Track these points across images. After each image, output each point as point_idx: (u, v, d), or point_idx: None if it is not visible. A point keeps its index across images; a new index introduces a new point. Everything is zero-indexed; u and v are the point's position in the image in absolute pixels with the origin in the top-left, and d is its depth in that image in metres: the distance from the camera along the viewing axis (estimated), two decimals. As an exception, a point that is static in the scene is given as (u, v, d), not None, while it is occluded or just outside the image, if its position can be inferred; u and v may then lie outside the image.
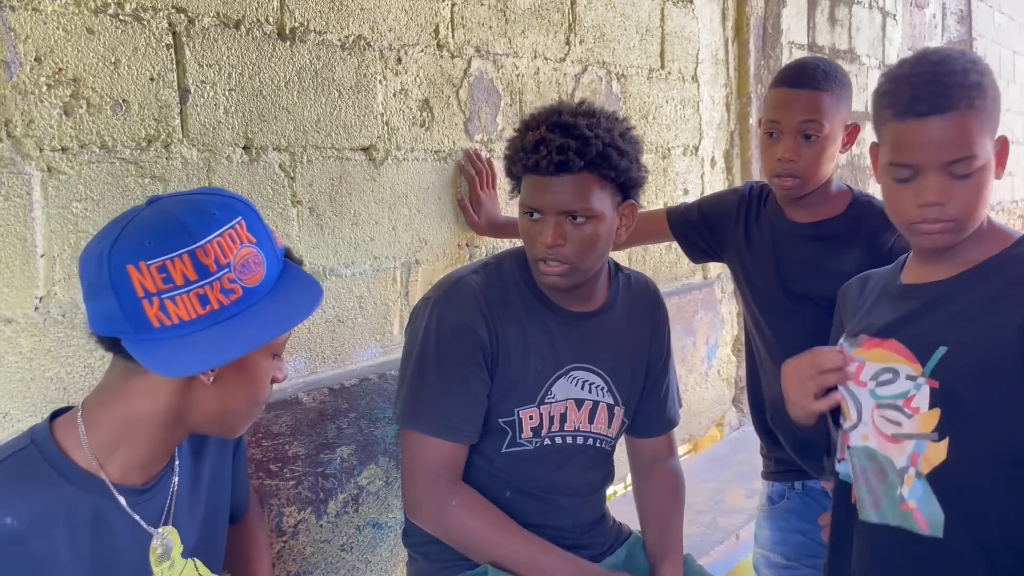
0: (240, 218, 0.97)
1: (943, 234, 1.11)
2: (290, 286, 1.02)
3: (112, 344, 0.96)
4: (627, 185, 1.39)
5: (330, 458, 1.65)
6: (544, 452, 1.47)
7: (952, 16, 5.29)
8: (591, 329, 1.49)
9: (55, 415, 1.02)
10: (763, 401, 1.81)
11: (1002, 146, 1.13)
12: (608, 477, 1.60)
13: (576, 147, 1.31)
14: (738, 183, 3.07)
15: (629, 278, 1.59)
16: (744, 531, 2.19)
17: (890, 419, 1.15)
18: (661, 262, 2.75)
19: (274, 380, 1.08)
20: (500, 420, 1.44)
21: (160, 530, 1.03)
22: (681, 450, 2.91)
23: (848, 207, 1.66)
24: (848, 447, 1.20)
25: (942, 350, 1.11)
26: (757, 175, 3.07)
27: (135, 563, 1.01)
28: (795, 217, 1.70)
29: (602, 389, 1.50)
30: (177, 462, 1.08)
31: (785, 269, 1.68)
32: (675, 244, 2.01)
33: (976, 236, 1.13)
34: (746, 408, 3.12)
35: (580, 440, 1.50)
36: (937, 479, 1.10)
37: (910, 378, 1.13)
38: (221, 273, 0.93)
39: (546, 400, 1.46)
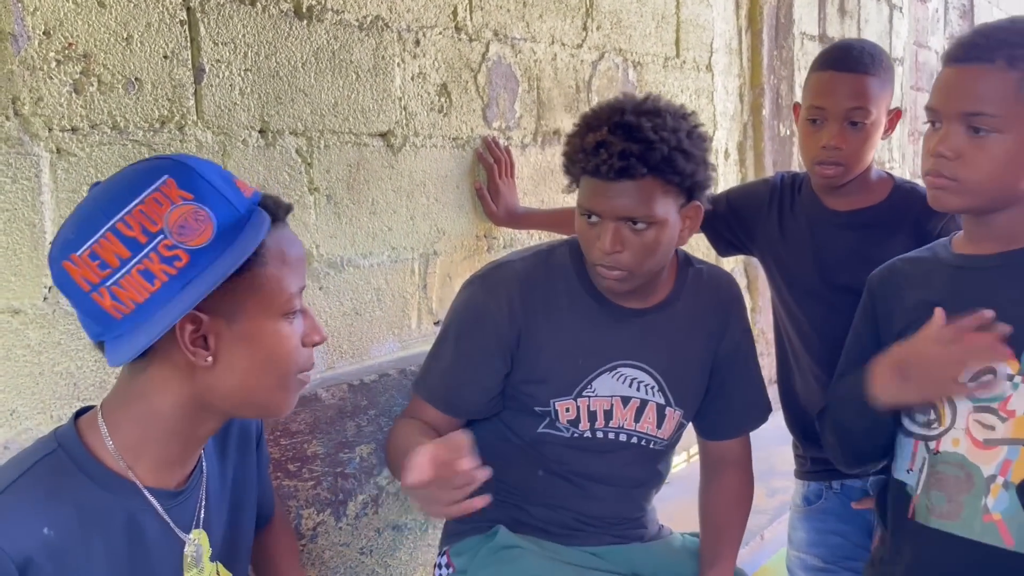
0: (166, 176, 0.85)
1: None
2: (253, 235, 0.88)
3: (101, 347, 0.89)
4: (693, 188, 1.31)
5: (349, 457, 1.57)
6: (582, 443, 1.41)
7: (954, 11, 5.26)
8: (646, 326, 1.41)
9: (77, 416, 0.94)
10: (797, 397, 1.76)
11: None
12: (656, 477, 1.52)
13: (639, 152, 1.22)
14: (751, 176, 3.01)
15: (701, 272, 1.48)
16: (768, 531, 2.14)
17: (984, 423, 1.08)
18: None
19: (309, 343, 0.97)
20: (536, 408, 1.39)
21: (192, 535, 0.96)
22: (695, 449, 2.85)
23: (890, 194, 1.60)
24: (937, 453, 1.12)
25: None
26: (770, 168, 3.02)
27: (169, 568, 0.94)
28: (834, 206, 1.63)
29: (652, 388, 1.42)
30: (204, 463, 1.00)
31: (825, 259, 1.61)
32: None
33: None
34: (778, 401, 3.07)
35: (623, 438, 1.43)
36: None
37: (1008, 377, 1.06)
38: (155, 241, 0.83)
39: (584, 394, 1.39)
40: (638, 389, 1.42)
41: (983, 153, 1.05)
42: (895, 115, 1.59)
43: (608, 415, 1.41)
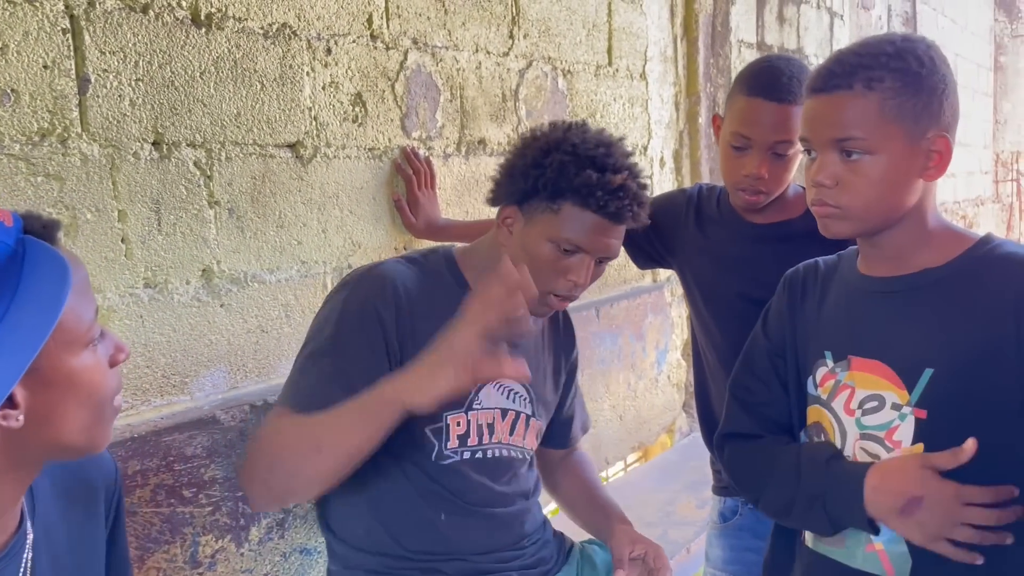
0: None
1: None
2: (38, 271, 0.78)
3: None
4: None
5: (252, 480, 1.52)
6: (474, 464, 1.37)
7: (897, 18, 5.33)
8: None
9: None
10: (713, 413, 1.74)
11: None
12: (538, 482, 1.54)
13: (643, 200, 1.35)
14: (688, 183, 3.01)
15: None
16: (695, 544, 2.12)
17: (869, 451, 1.08)
18: (610, 265, 2.66)
19: (116, 362, 0.87)
20: (427, 429, 1.33)
21: None
22: (631, 458, 2.84)
23: (808, 208, 1.59)
24: None
25: (928, 373, 1.03)
26: (707, 176, 3.02)
27: None
28: (753, 219, 1.62)
29: (524, 399, 1.43)
30: (30, 530, 0.89)
31: (744, 273, 1.59)
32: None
33: (923, 234, 1.10)
34: (695, 413, 3.07)
35: (505, 452, 1.41)
36: None
37: (895, 407, 1.06)
38: None
39: (473, 406, 1.36)
40: (514, 401, 1.41)
41: (859, 177, 1.05)
42: None
43: (491, 429, 1.38)
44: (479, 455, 1.38)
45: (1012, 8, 8.50)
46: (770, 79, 1.52)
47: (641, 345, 2.72)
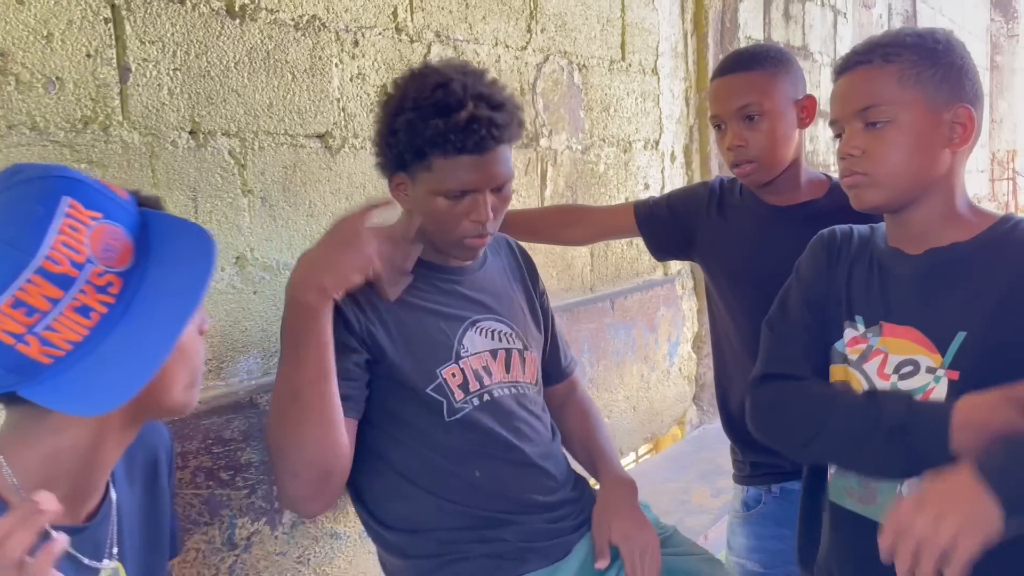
0: (66, 198, 0.76)
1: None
2: (168, 243, 0.83)
3: (9, 397, 0.79)
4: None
5: (285, 464, 1.54)
6: (484, 409, 1.38)
7: (897, 16, 5.37)
8: (478, 281, 1.45)
9: None
10: (732, 401, 1.76)
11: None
12: (550, 421, 1.52)
13: (503, 120, 1.29)
14: (698, 178, 3.04)
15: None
16: (712, 531, 2.15)
17: None
18: (623, 258, 2.69)
19: (202, 331, 0.93)
20: (428, 390, 1.34)
21: (105, 564, 0.90)
22: (642, 449, 2.87)
23: (830, 189, 1.62)
24: None
25: (961, 336, 1.07)
26: (716, 170, 3.05)
27: None
28: (772, 201, 1.65)
29: (510, 335, 1.44)
30: (113, 493, 0.94)
31: (769, 254, 1.61)
32: (637, 240, 1.95)
33: (951, 210, 1.15)
34: (706, 406, 3.10)
35: (509, 391, 1.41)
36: None
37: (930, 370, 1.09)
38: (85, 272, 0.76)
39: (461, 355, 1.37)
40: (500, 340, 1.43)
41: (884, 144, 1.12)
42: (807, 103, 1.61)
43: (487, 371, 1.39)
44: (486, 398, 1.38)
45: (1008, 8, 8.57)
46: (725, 60, 1.67)
47: (654, 337, 2.75)
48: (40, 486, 0.83)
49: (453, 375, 1.36)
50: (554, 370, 1.61)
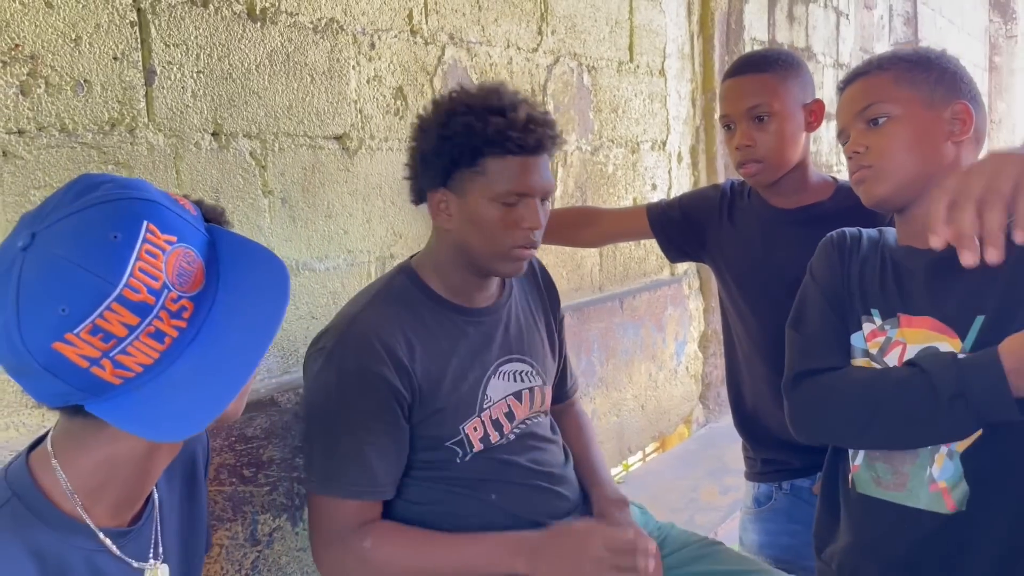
0: (145, 223, 0.77)
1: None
2: (236, 265, 0.83)
3: (75, 410, 0.80)
4: None
5: (305, 462, 1.57)
6: (504, 446, 1.41)
7: (899, 18, 5.40)
8: (503, 318, 1.45)
9: (29, 449, 0.89)
10: (745, 401, 1.79)
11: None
12: (567, 451, 1.56)
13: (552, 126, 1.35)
14: (704, 179, 3.06)
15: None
16: (721, 528, 2.17)
17: None
18: (631, 258, 2.71)
19: None
20: (448, 443, 1.35)
21: (151, 564, 0.93)
22: (649, 448, 2.89)
23: (835, 191, 1.65)
24: None
25: (980, 319, 1.10)
26: (723, 171, 3.07)
27: None
28: (780, 204, 1.67)
29: (531, 374, 1.47)
30: (156, 495, 0.97)
31: (776, 257, 1.65)
32: (644, 240, 1.97)
33: None
34: (712, 405, 3.12)
35: (527, 425, 1.45)
36: (970, 457, 1.09)
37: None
38: (162, 298, 0.76)
39: (484, 406, 1.38)
40: (522, 380, 1.45)
41: (885, 138, 1.19)
42: (816, 106, 1.63)
43: (510, 416, 1.41)
44: (504, 443, 1.41)
45: (1007, 10, 8.60)
46: (737, 62, 1.69)
47: (661, 336, 2.77)
48: (92, 492, 0.86)
49: (475, 429, 1.37)
50: (559, 392, 1.64)
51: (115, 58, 1.32)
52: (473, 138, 1.28)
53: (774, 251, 1.67)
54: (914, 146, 1.18)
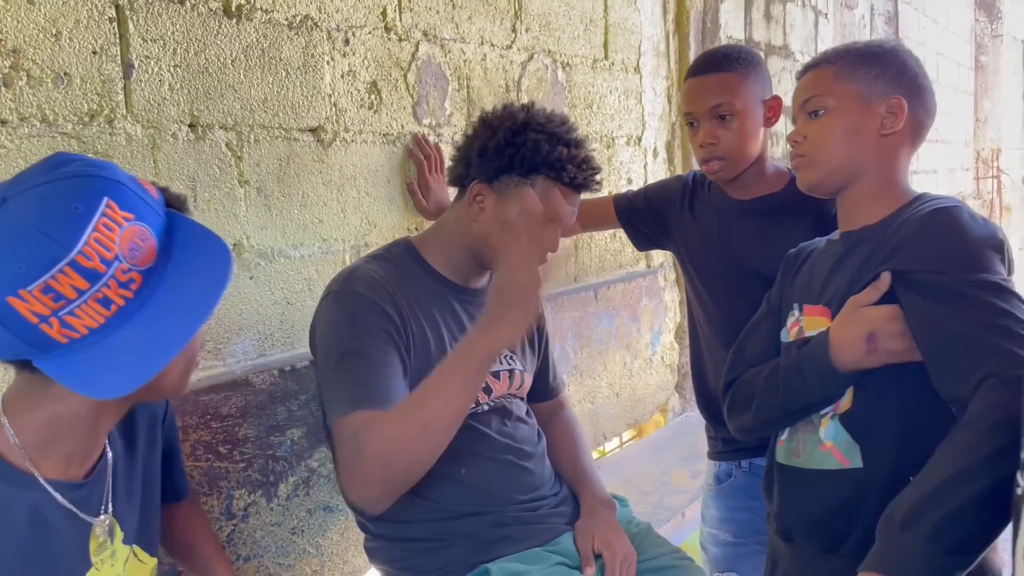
0: (106, 199, 0.85)
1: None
2: (188, 247, 0.92)
3: (23, 363, 0.88)
4: None
5: (280, 440, 1.63)
6: (480, 417, 1.48)
7: (880, 17, 5.47)
8: (485, 303, 1.46)
9: None
10: (708, 383, 1.86)
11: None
12: (541, 435, 1.63)
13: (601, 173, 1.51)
14: (679, 173, 3.13)
15: None
16: (689, 510, 2.24)
17: None
18: (606, 250, 2.78)
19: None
20: None
21: (100, 518, 0.99)
22: (626, 435, 2.96)
23: (788, 183, 1.71)
24: None
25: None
26: (697, 166, 3.13)
27: (76, 552, 0.97)
28: (737, 196, 1.74)
29: (509, 357, 1.56)
30: (109, 452, 1.03)
31: (732, 246, 1.72)
32: (619, 233, 2.04)
33: (879, 193, 1.28)
34: (688, 395, 3.19)
35: (503, 403, 1.54)
36: (847, 419, 1.23)
37: None
38: (112, 268, 0.84)
39: None
40: (502, 362, 1.54)
41: (822, 129, 1.28)
42: (774, 102, 1.70)
43: (487, 390, 1.50)
44: (479, 411, 1.49)
45: (992, 9, 8.68)
46: (699, 60, 1.76)
47: (636, 326, 2.84)
48: (41, 447, 0.93)
49: None
50: (543, 388, 1.71)
51: (94, 52, 1.39)
52: (537, 155, 1.41)
53: (731, 240, 1.74)
54: (844, 137, 1.26)
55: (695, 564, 1.57)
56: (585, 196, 1.54)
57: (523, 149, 1.41)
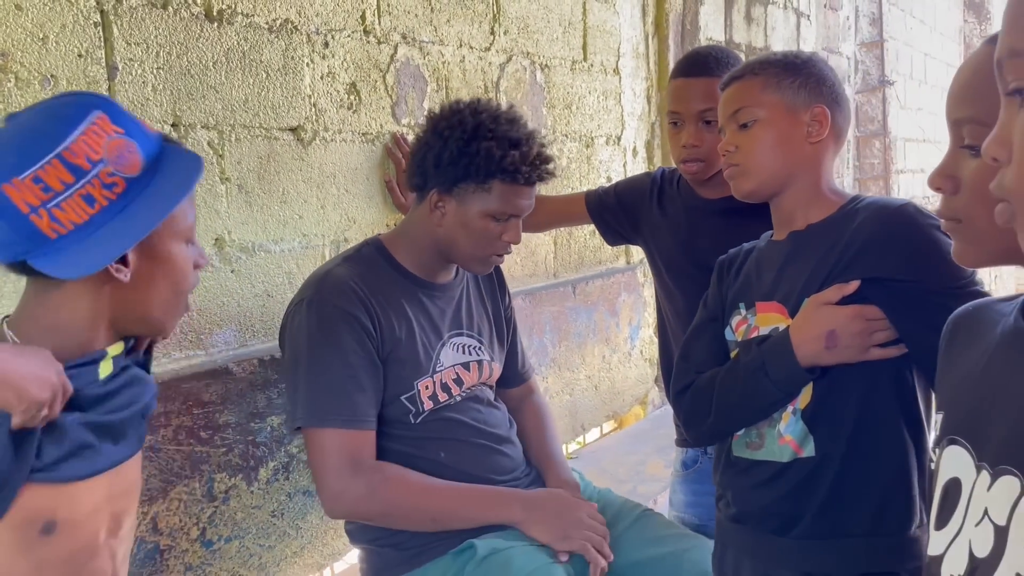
0: (98, 111, 0.97)
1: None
2: (172, 166, 1.03)
3: (21, 267, 0.98)
4: None
5: (260, 427, 1.70)
6: (449, 407, 1.57)
7: (864, 18, 5.55)
8: (455, 298, 1.64)
9: None
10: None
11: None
12: (511, 421, 1.71)
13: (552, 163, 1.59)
14: (659, 172, 3.20)
15: None
16: (661, 497, 2.31)
17: None
18: (586, 247, 2.86)
19: (196, 266, 1.12)
20: (403, 398, 1.53)
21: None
22: (606, 427, 3.03)
23: None
24: None
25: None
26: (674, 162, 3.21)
27: None
28: (705, 195, 1.81)
29: (478, 348, 1.65)
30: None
31: (698, 243, 1.79)
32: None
33: (813, 195, 1.34)
34: (663, 387, 3.27)
35: (474, 392, 1.63)
36: (808, 413, 1.27)
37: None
38: (97, 168, 0.95)
39: (437, 369, 1.56)
40: (470, 353, 1.63)
41: (751, 140, 1.33)
42: None
43: (458, 382, 1.59)
44: (452, 403, 1.58)
45: (981, 9, 8.76)
46: (690, 61, 1.80)
47: (615, 321, 2.91)
48: None
49: (426, 387, 1.55)
50: (512, 374, 1.79)
51: (80, 55, 1.46)
52: (491, 164, 1.49)
53: (698, 237, 1.81)
54: (776, 147, 1.32)
55: (658, 514, 1.70)
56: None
57: (476, 159, 1.49)
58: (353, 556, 1.89)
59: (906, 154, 6.23)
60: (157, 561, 1.52)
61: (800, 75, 1.33)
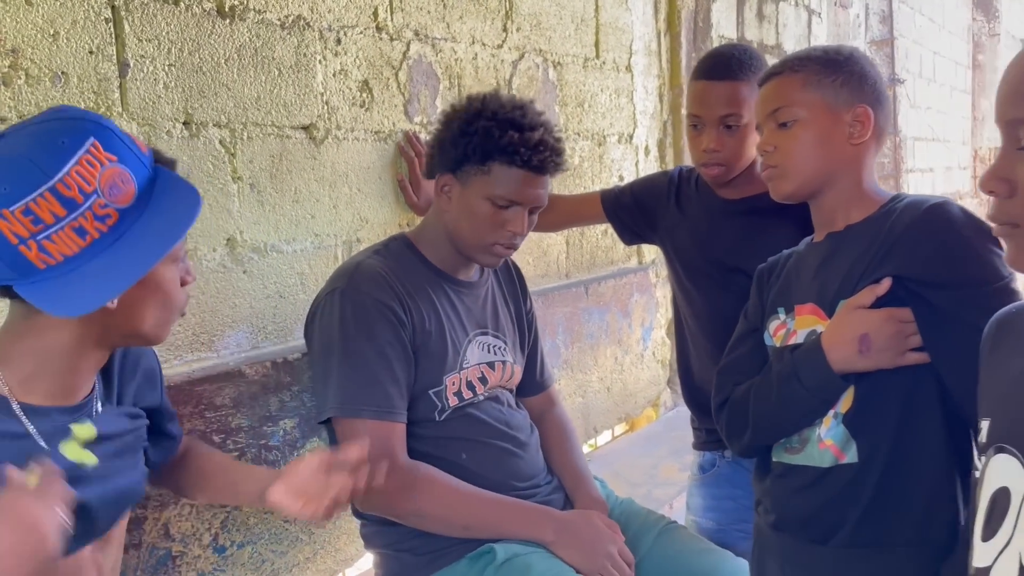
0: (92, 139, 0.94)
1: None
2: (167, 195, 1.00)
3: (4, 290, 0.96)
4: None
5: (273, 430, 1.67)
6: (474, 406, 1.54)
7: (875, 16, 5.51)
8: (479, 297, 1.62)
9: None
10: (693, 375, 1.90)
11: None
12: (533, 427, 1.68)
13: (562, 150, 1.52)
14: (671, 171, 3.17)
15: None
16: (677, 501, 2.28)
17: None
18: (598, 247, 2.82)
19: (183, 283, 1.09)
20: (431, 392, 1.49)
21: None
22: (618, 429, 3.00)
23: None
24: None
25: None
26: (689, 163, 3.17)
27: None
28: (725, 195, 1.78)
29: (503, 349, 1.62)
30: (99, 387, 1.09)
31: (717, 244, 1.76)
32: (611, 230, 2.08)
33: (854, 196, 1.30)
34: (679, 389, 3.23)
35: (496, 393, 1.60)
36: (850, 417, 1.23)
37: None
38: (90, 201, 0.92)
39: (464, 366, 1.54)
40: (495, 352, 1.59)
41: (791, 140, 1.28)
42: None
43: (483, 380, 1.56)
44: (475, 401, 1.55)
45: (989, 8, 8.71)
46: (713, 62, 1.74)
47: (627, 322, 2.88)
48: (25, 380, 0.99)
49: (453, 383, 1.52)
50: (531, 380, 1.75)
51: (91, 52, 1.43)
52: (488, 143, 1.45)
53: (718, 238, 1.78)
54: (816, 148, 1.27)
55: (682, 527, 1.67)
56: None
57: (475, 138, 1.46)
58: (366, 562, 1.86)
59: (915, 153, 6.19)
60: (169, 567, 1.49)
61: (842, 72, 1.27)
